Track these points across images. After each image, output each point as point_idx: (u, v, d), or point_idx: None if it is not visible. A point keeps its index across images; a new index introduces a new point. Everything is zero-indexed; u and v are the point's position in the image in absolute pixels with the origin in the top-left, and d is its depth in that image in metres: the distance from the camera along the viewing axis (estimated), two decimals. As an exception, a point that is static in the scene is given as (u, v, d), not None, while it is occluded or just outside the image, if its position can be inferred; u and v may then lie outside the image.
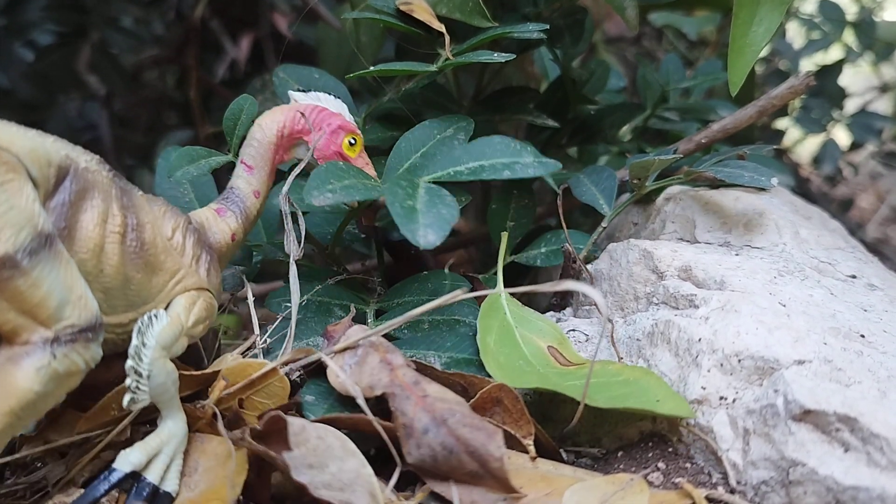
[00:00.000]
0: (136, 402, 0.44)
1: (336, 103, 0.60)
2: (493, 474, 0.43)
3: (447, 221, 0.50)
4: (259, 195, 0.56)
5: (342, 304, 0.60)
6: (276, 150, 0.57)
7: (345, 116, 0.59)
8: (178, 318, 0.47)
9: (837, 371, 0.48)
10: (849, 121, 1.33)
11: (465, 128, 0.61)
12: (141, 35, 1.24)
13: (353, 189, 0.54)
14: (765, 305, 0.52)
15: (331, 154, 0.58)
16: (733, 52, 0.63)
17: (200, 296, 0.50)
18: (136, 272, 0.45)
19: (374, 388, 0.48)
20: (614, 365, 0.53)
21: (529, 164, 0.55)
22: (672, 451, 0.50)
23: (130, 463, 0.44)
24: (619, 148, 0.87)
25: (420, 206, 0.51)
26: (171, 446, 0.46)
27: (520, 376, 0.51)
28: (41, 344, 0.39)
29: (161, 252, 0.47)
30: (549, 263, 0.67)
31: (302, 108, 0.58)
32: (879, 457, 0.42)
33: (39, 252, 0.38)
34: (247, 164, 0.56)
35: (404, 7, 0.65)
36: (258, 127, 0.57)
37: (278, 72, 0.70)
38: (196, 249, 0.50)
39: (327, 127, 0.58)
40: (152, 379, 0.44)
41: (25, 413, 0.38)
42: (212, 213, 0.54)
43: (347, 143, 0.59)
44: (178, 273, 0.48)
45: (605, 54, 1.26)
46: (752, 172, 0.62)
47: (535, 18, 0.73)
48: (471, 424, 0.44)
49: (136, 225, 0.46)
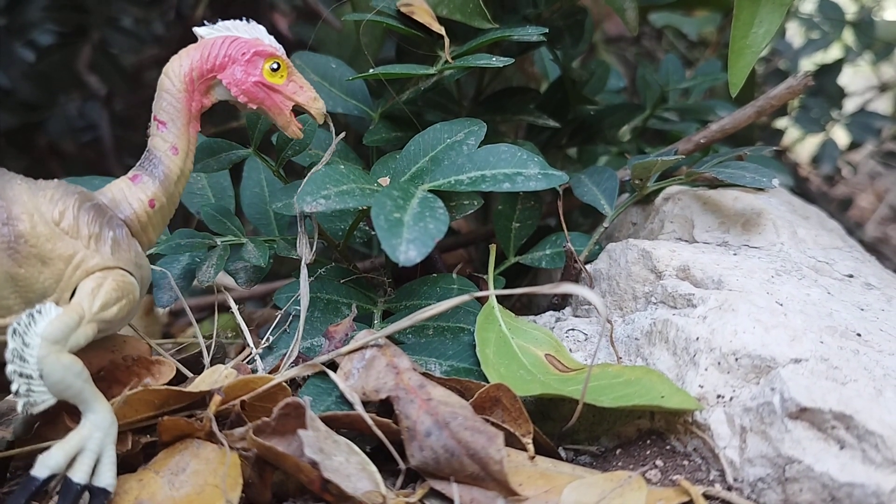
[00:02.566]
0: (34, 404, 0.41)
1: (250, 27, 0.53)
2: (493, 477, 0.44)
3: (432, 237, 0.48)
4: (178, 151, 0.51)
5: (350, 304, 0.60)
6: (190, 97, 0.52)
7: (262, 39, 0.53)
8: (77, 306, 0.44)
9: (833, 369, 0.48)
10: (848, 120, 1.33)
11: (476, 132, 0.60)
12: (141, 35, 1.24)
13: (350, 195, 0.52)
14: (762, 305, 0.53)
15: (251, 86, 0.52)
16: (733, 54, 0.64)
17: (107, 276, 0.46)
18: (20, 267, 0.44)
19: (380, 392, 0.48)
20: (614, 367, 0.53)
21: (532, 177, 0.54)
22: (670, 449, 0.51)
23: (48, 467, 0.42)
24: (618, 148, 0.88)
25: (407, 219, 0.49)
26: (94, 440, 0.43)
27: (522, 385, 0.51)
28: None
29: (46, 241, 0.45)
30: (554, 265, 0.67)
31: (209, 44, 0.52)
32: (874, 454, 0.43)
33: None
34: (159, 121, 0.51)
35: (405, 8, 0.65)
36: (165, 76, 0.52)
37: (294, 59, 0.69)
38: (92, 227, 0.46)
39: (242, 57, 0.52)
40: (47, 377, 0.41)
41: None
42: (126, 184, 0.50)
43: (269, 69, 0.53)
44: (74, 258, 0.45)
45: (604, 54, 1.27)
46: (753, 173, 0.62)
47: (536, 19, 0.73)
48: (472, 428, 0.45)
49: (7, 218, 0.44)
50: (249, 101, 0.53)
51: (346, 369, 0.51)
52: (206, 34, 0.53)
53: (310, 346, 0.56)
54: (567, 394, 0.50)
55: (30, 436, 0.50)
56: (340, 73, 0.69)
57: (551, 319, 0.64)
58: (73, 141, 1.26)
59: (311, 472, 0.43)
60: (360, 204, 0.52)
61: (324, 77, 0.69)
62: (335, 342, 0.55)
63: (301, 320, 0.55)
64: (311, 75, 0.69)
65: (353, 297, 0.61)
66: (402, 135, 0.68)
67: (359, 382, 0.49)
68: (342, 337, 0.55)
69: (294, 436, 0.44)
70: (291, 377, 0.52)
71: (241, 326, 0.60)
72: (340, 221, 0.68)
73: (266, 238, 0.65)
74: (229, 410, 0.50)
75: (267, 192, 0.69)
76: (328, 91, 0.68)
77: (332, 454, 0.44)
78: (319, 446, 0.43)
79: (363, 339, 0.52)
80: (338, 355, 0.52)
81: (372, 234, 0.70)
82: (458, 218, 0.62)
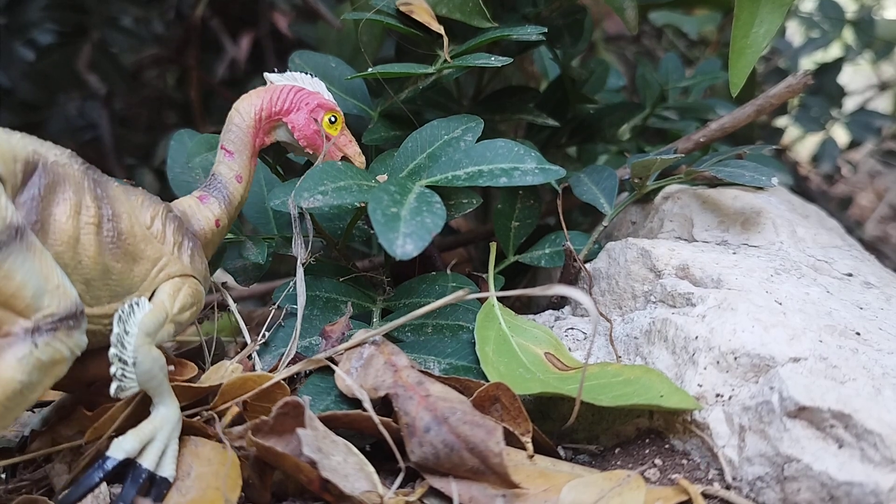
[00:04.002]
0: (124, 389, 0.44)
1: (313, 82, 0.59)
2: (493, 470, 0.44)
3: (429, 231, 0.48)
4: (241, 180, 0.56)
5: (349, 302, 0.60)
6: (256, 133, 0.57)
7: (323, 95, 0.59)
8: (163, 305, 0.47)
9: (832, 368, 0.48)
10: (848, 119, 1.33)
11: (473, 128, 0.60)
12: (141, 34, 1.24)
13: (347, 191, 0.53)
14: (761, 303, 0.53)
15: (311, 134, 0.58)
16: (734, 54, 0.64)
17: (185, 282, 0.49)
18: (116, 262, 0.46)
19: (379, 390, 0.48)
20: (613, 366, 0.53)
21: (529, 171, 0.55)
22: (669, 448, 0.51)
23: (124, 450, 0.45)
24: (618, 147, 0.88)
25: (404, 213, 0.50)
26: (164, 432, 0.46)
27: (522, 383, 0.51)
28: (22, 334, 0.39)
29: (140, 241, 0.47)
30: (554, 264, 0.67)
31: (278, 90, 0.57)
32: (873, 453, 0.43)
33: (10, 244, 0.38)
34: (227, 150, 0.56)
35: (404, 7, 0.65)
36: (236, 111, 0.56)
37: (294, 58, 0.70)
38: (177, 236, 0.50)
39: (305, 107, 0.58)
40: (138, 366, 0.44)
41: (13, 403, 0.39)
42: (194, 201, 0.54)
43: (328, 121, 0.58)
44: (160, 261, 0.48)
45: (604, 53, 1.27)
46: (752, 172, 0.62)
47: (535, 18, 0.73)
48: (471, 422, 0.45)
49: (112, 215, 0.46)
50: (307, 146, 0.58)
51: (345, 368, 0.51)
52: (276, 80, 0.58)
53: (308, 344, 0.56)
54: (566, 392, 0.50)
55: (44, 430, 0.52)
56: (340, 72, 0.69)
57: (551, 318, 0.64)
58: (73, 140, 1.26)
59: (311, 471, 0.43)
60: (357, 199, 0.53)
61: (323, 76, 0.69)
62: (332, 341, 0.55)
63: (298, 319, 0.55)
64: (310, 73, 0.68)
65: (352, 295, 0.61)
66: (401, 134, 0.68)
67: (357, 381, 0.49)
68: (338, 336, 0.56)
69: (292, 435, 0.44)
70: (292, 374, 0.52)
71: (240, 324, 0.60)
72: (339, 220, 0.68)
73: (265, 236, 0.65)
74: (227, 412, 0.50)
75: (265, 191, 0.69)
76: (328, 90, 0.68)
77: (331, 454, 0.44)
78: (318, 445, 0.43)
79: (359, 337, 0.52)
80: (336, 353, 0.52)
81: (371, 232, 0.70)
82: (456, 216, 0.62)
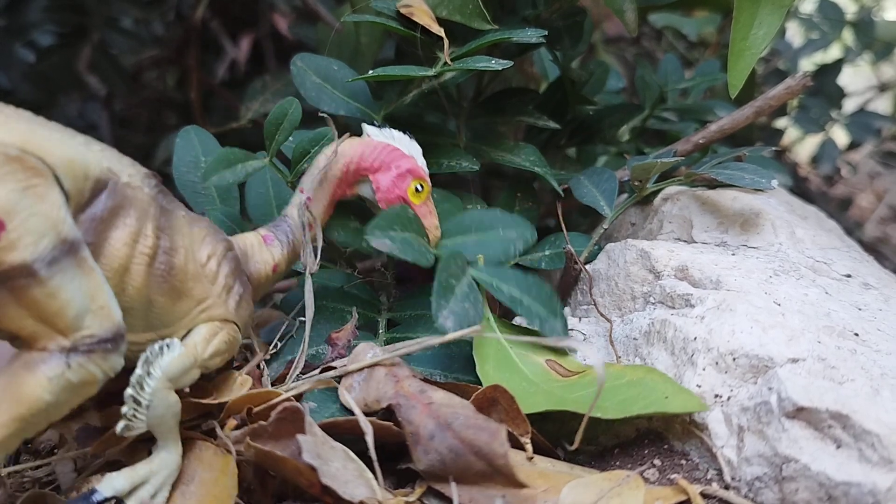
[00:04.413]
0: (131, 429, 0.43)
1: (410, 144, 0.57)
2: (500, 471, 0.44)
3: (469, 322, 0.51)
4: (312, 228, 0.54)
5: (354, 309, 0.60)
6: (340, 184, 0.55)
7: (417, 161, 0.57)
8: (194, 349, 0.46)
9: (831, 369, 0.48)
10: (847, 120, 1.33)
11: (526, 238, 0.61)
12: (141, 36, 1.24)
13: (409, 246, 0.54)
14: (760, 304, 0.53)
15: (394, 198, 0.56)
16: (733, 55, 0.64)
17: (224, 328, 0.48)
18: (160, 296, 0.44)
19: (381, 401, 0.48)
20: (615, 367, 0.53)
21: (556, 329, 0.55)
22: (668, 448, 0.51)
23: (113, 488, 0.43)
24: (617, 148, 0.88)
25: (458, 290, 0.52)
26: (159, 477, 0.45)
27: (527, 398, 0.50)
28: (57, 352, 0.38)
29: (190, 278, 0.46)
30: (553, 266, 0.67)
31: (374, 144, 0.55)
32: (871, 453, 0.43)
33: (61, 260, 0.37)
34: (308, 196, 0.54)
35: (404, 10, 0.65)
36: (324, 156, 0.54)
37: (296, 60, 0.69)
38: (229, 280, 0.48)
39: (396, 168, 0.56)
40: (151, 409, 0.43)
41: (35, 419, 0.38)
42: (258, 240, 0.52)
43: (414, 188, 0.57)
44: (204, 301, 0.47)
45: (604, 55, 1.27)
46: (752, 174, 0.62)
47: (535, 20, 0.74)
48: (475, 425, 0.45)
49: (169, 248, 0.44)
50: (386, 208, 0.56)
51: (348, 383, 0.51)
52: (373, 134, 0.57)
53: (314, 353, 0.56)
54: (573, 406, 0.49)
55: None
56: (342, 74, 0.69)
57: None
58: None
59: (312, 475, 0.43)
60: (414, 259, 0.54)
61: (325, 79, 0.69)
62: (338, 349, 0.55)
63: (307, 329, 0.54)
64: (312, 77, 0.68)
65: (358, 304, 0.61)
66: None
67: (360, 394, 0.50)
68: (344, 343, 0.56)
69: (291, 440, 0.44)
70: (302, 392, 0.51)
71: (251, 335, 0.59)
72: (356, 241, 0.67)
73: None
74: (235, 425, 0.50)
75: (272, 194, 0.68)
76: (330, 93, 0.68)
77: (330, 460, 0.44)
78: (317, 451, 0.43)
79: (362, 352, 0.52)
80: (345, 372, 0.52)
81: None
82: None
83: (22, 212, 0.36)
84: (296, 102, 0.59)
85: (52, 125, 0.40)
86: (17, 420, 0.37)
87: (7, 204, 0.35)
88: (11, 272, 0.36)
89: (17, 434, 0.38)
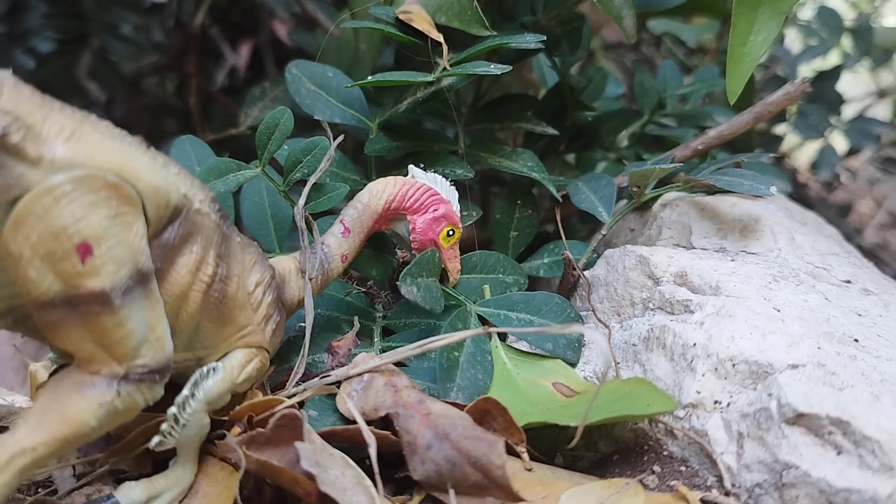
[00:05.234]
0: (164, 445, 0.44)
1: (449, 190, 0.59)
2: (496, 483, 0.44)
3: (479, 392, 0.52)
4: (346, 260, 0.55)
5: (350, 321, 0.60)
6: (379, 218, 0.56)
7: (452, 206, 0.59)
8: (231, 374, 0.46)
9: (831, 375, 0.48)
10: (846, 126, 1.33)
11: (521, 284, 0.64)
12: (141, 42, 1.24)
13: (429, 294, 0.57)
14: (759, 310, 0.53)
15: (427, 240, 0.58)
16: (732, 61, 0.64)
17: (258, 355, 0.48)
18: (209, 321, 0.44)
19: (379, 410, 0.48)
20: (612, 383, 0.53)
21: (572, 342, 0.58)
22: (667, 455, 0.51)
23: (130, 498, 0.44)
24: (616, 154, 0.88)
25: (462, 360, 0.53)
26: (173, 492, 0.45)
27: (520, 417, 0.50)
28: (109, 379, 0.38)
29: (237, 306, 0.46)
30: (553, 274, 0.67)
31: (416, 185, 0.57)
32: (871, 459, 0.43)
33: (133, 290, 0.37)
34: (346, 226, 0.55)
35: (403, 16, 0.65)
36: (368, 192, 0.56)
37: (291, 68, 0.69)
38: (270, 309, 0.49)
39: (433, 212, 0.58)
40: (187, 429, 0.44)
41: (76, 441, 0.38)
42: (295, 266, 0.53)
43: (446, 233, 0.59)
44: (246, 328, 0.47)
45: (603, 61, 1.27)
46: (750, 181, 0.62)
47: (534, 26, 0.74)
48: (472, 436, 0.45)
49: (225, 276, 0.45)
50: (417, 249, 0.58)
51: (346, 391, 0.51)
52: (418, 175, 0.58)
53: (311, 361, 0.56)
54: (564, 422, 0.49)
55: None
56: (337, 81, 0.69)
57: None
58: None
59: (309, 484, 0.43)
60: (430, 308, 0.57)
61: (321, 86, 0.69)
62: (339, 357, 0.55)
63: (307, 335, 0.54)
64: (307, 84, 0.68)
65: (354, 313, 0.61)
66: (401, 144, 0.68)
67: (358, 403, 0.50)
68: (345, 352, 0.56)
69: (289, 448, 0.44)
70: (304, 399, 0.51)
71: None
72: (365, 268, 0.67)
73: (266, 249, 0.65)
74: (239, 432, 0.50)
75: (267, 203, 0.68)
76: (325, 100, 0.68)
77: (329, 467, 0.44)
78: (316, 459, 0.43)
79: (363, 362, 0.52)
80: (345, 377, 0.52)
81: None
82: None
83: (110, 239, 0.36)
84: (288, 112, 0.59)
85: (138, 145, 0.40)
86: (61, 440, 0.37)
87: (98, 230, 0.36)
88: (88, 297, 0.36)
89: (55, 453, 0.38)
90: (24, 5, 1.15)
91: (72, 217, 0.35)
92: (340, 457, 0.45)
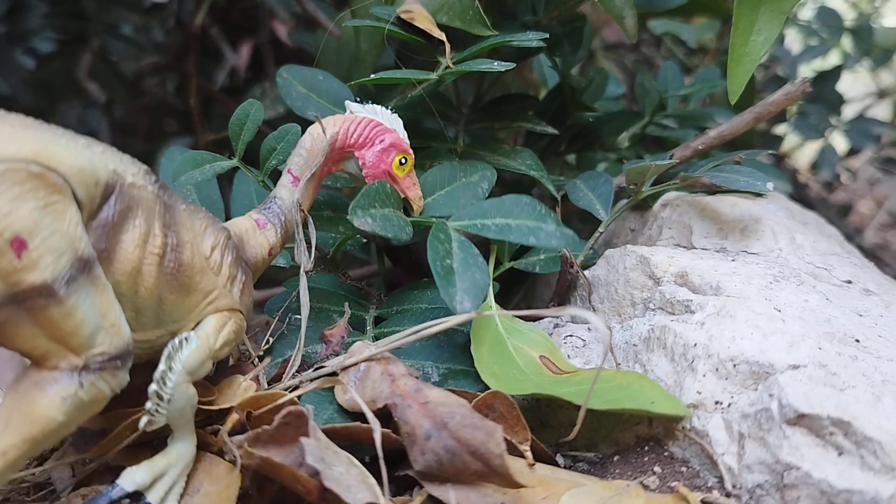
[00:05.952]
0: (153, 424, 0.43)
1: (392, 118, 0.58)
2: (496, 471, 0.44)
3: (481, 290, 0.51)
4: (301, 208, 0.55)
5: (341, 311, 0.60)
6: (326, 161, 0.55)
7: (399, 133, 0.58)
8: (207, 341, 0.46)
9: (832, 375, 0.48)
10: (847, 126, 1.33)
11: (489, 177, 0.63)
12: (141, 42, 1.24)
13: (388, 222, 0.54)
14: (760, 311, 0.53)
15: (380, 172, 0.57)
16: (732, 61, 0.64)
17: (231, 317, 0.48)
18: (171, 293, 0.44)
19: (377, 401, 0.48)
20: (607, 372, 0.53)
21: (552, 234, 0.55)
22: (668, 456, 0.51)
23: (134, 482, 0.43)
24: (617, 155, 0.88)
25: (457, 266, 0.52)
26: (176, 469, 0.45)
27: (515, 384, 0.51)
28: (69, 372, 0.37)
29: (197, 273, 0.46)
30: (548, 270, 0.67)
31: (357, 120, 0.56)
32: (873, 460, 0.43)
33: (77, 279, 0.37)
34: (293, 175, 0.54)
35: (405, 15, 0.65)
36: (309, 136, 0.55)
37: (282, 72, 0.70)
38: (232, 269, 0.48)
39: (380, 143, 0.57)
40: (172, 403, 0.43)
41: (47, 440, 0.37)
42: (251, 225, 0.53)
43: (398, 161, 0.57)
44: (211, 293, 0.47)
45: (603, 61, 1.27)
46: (748, 177, 0.62)
47: (535, 26, 0.74)
48: (471, 425, 0.45)
49: (176, 245, 0.44)
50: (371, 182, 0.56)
51: (343, 381, 0.51)
52: (356, 110, 0.57)
53: (305, 353, 0.56)
54: (559, 395, 0.49)
55: None
56: (327, 85, 0.70)
57: (549, 325, 0.64)
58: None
59: (309, 482, 0.43)
60: (395, 235, 0.54)
61: (311, 89, 0.69)
62: (332, 346, 0.55)
63: (303, 327, 0.55)
64: (298, 87, 0.69)
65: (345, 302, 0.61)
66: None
67: (356, 394, 0.49)
68: (339, 340, 0.55)
69: (292, 446, 0.44)
70: (300, 388, 0.51)
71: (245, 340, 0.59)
72: (331, 230, 0.68)
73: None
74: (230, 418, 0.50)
75: (256, 202, 0.69)
76: (315, 102, 0.69)
77: (333, 464, 0.44)
78: (321, 455, 0.43)
79: (359, 351, 0.52)
80: (341, 367, 0.52)
81: (363, 241, 0.70)
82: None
83: (43, 230, 0.36)
84: (257, 104, 0.60)
85: (55, 130, 0.39)
86: (29, 441, 0.37)
87: (28, 223, 0.35)
88: (31, 292, 0.36)
89: (27, 454, 0.37)
90: (24, 5, 1.15)
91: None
92: (345, 455, 0.45)
